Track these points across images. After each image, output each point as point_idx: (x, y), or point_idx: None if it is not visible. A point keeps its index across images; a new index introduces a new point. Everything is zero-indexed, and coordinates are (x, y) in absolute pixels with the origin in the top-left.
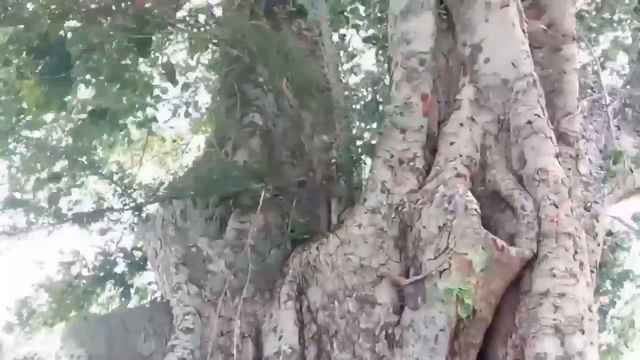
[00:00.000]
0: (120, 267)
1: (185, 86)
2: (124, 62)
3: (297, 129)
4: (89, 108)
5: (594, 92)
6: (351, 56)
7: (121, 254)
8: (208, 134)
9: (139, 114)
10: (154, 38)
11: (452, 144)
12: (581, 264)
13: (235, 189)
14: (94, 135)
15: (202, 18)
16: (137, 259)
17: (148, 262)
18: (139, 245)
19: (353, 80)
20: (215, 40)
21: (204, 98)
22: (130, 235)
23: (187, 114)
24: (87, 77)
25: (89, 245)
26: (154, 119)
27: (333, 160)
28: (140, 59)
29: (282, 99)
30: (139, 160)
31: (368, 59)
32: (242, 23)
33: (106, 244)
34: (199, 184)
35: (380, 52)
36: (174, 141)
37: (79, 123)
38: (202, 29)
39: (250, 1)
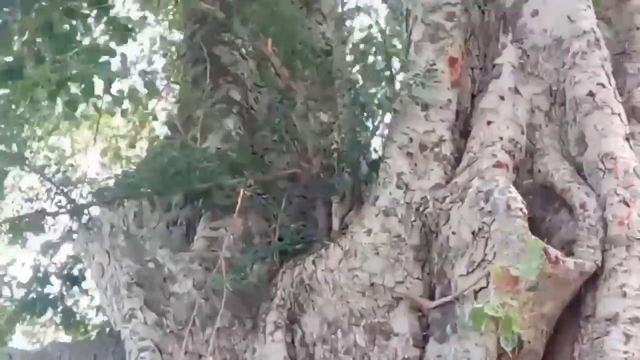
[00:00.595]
0: (55, 287)
1: (139, 49)
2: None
3: (287, 105)
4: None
5: None
6: (357, 9)
7: (56, 271)
8: (169, 113)
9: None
10: None
11: (489, 123)
12: None
13: (206, 185)
14: (18, 115)
15: None
16: (77, 277)
17: (92, 282)
18: (79, 260)
19: (359, 40)
20: None
21: (163, 65)
22: (68, 246)
23: (148, 85)
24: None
25: (12, 259)
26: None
27: (334, 147)
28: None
29: (267, 67)
30: (81, 147)
31: (379, 12)
32: None
33: (37, 258)
34: (157, 179)
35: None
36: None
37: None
38: None
39: None
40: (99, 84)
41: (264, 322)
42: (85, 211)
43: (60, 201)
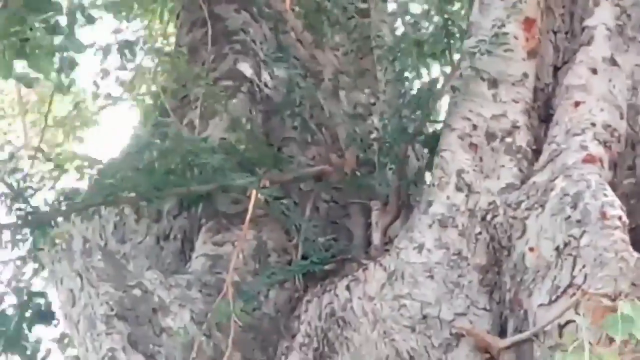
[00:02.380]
0: (11, 320)
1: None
2: None
3: (311, 82)
4: None
5: None
6: None
7: (13, 300)
8: (158, 93)
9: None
10: None
11: (577, 105)
12: None
13: (207, 187)
14: None
15: None
16: (40, 307)
17: (59, 313)
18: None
19: None
20: None
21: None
22: (27, 267)
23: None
24: None
25: None
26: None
27: (374, 136)
28: None
29: (285, 31)
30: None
31: None
32: None
33: None
34: (143, 180)
35: None
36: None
37: None
38: None
39: None
40: None
41: None
42: (52, 222)
43: (19, 209)
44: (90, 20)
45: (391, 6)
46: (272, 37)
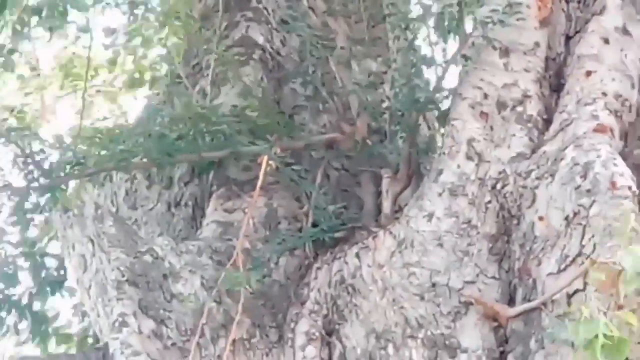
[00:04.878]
0: (23, 286)
1: None
2: None
3: (324, 49)
4: None
5: None
6: None
7: (24, 265)
8: (169, 58)
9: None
10: None
11: (589, 74)
12: None
13: (218, 154)
14: None
15: None
16: (51, 272)
17: (71, 279)
18: (53, 250)
19: None
20: None
21: None
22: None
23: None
24: None
25: None
26: None
27: (385, 104)
28: None
29: None
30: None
31: None
32: None
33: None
34: (155, 146)
35: None
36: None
37: None
38: None
39: None
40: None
41: (293, 333)
42: (63, 186)
43: (31, 172)
44: None
45: None
46: (284, 4)
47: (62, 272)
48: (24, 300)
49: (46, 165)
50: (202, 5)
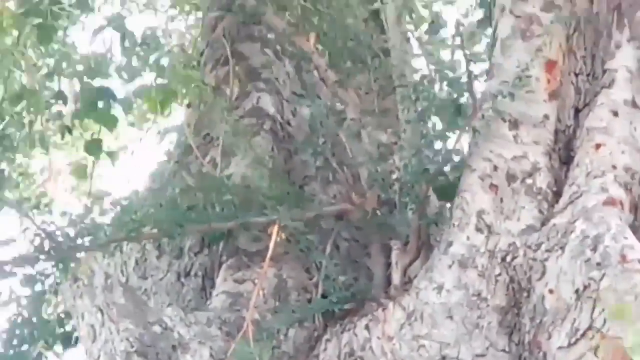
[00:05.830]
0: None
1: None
2: None
3: (334, 120)
4: None
5: None
6: None
7: (32, 332)
8: (179, 128)
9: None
10: None
11: (598, 147)
12: None
13: (228, 224)
14: None
15: None
16: (60, 342)
17: (80, 348)
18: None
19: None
20: None
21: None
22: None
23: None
24: None
25: None
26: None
27: (395, 176)
28: None
29: (309, 70)
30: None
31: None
32: None
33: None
34: (165, 215)
35: None
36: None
37: None
38: None
39: None
40: None
41: None
42: (74, 257)
43: (41, 244)
44: None
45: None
46: (295, 75)
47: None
48: None
49: (57, 236)
50: (213, 76)
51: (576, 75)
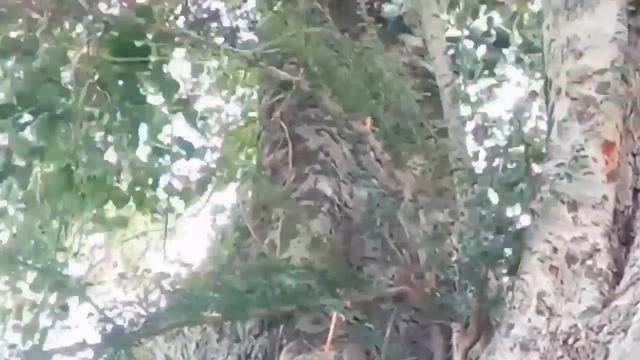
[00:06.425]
0: None
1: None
2: None
3: (391, 202)
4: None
5: None
6: (481, 75)
7: None
8: (238, 210)
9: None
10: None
11: None
12: None
13: (288, 307)
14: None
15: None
16: None
17: None
18: None
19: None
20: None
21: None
22: None
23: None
24: None
25: None
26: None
27: (454, 258)
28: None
29: (365, 152)
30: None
31: (512, 80)
32: (298, 30)
33: None
34: (224, 298)
35: (532, 69)
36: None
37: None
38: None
39: None
40: None
41: None
42: (136, 342)
43: (104, 329)
44: None
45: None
46: (351, 157)
47: None
48: None
49: (119, 321)
50: (271, 158)
51: (634, 155)
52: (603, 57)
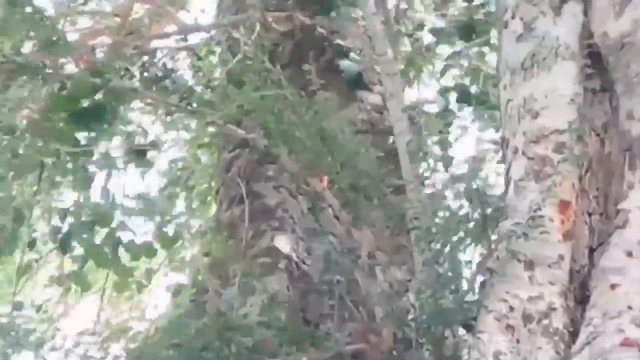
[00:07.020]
0: None
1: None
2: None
3: (349, 258)
4: None
5: None
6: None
7: None
8: (192, 268)
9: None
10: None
11: (614, 287)
12: None
13: None
14: None
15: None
16: None
17: None
18: None
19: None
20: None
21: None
22: None
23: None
24: None
25: None
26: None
27: (411, 315)
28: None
29: (322, 209)
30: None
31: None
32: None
33: None
34: (180, 356)
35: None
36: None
37: None
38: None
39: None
40: None
41: None
42: None
43: None
44: None
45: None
46: (309, 214)
47: None
48: None
49: None
50: (228, 214)
51: (589, 215)
52: (560, 117)
